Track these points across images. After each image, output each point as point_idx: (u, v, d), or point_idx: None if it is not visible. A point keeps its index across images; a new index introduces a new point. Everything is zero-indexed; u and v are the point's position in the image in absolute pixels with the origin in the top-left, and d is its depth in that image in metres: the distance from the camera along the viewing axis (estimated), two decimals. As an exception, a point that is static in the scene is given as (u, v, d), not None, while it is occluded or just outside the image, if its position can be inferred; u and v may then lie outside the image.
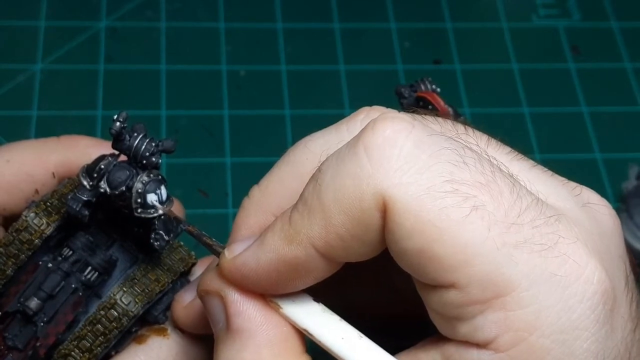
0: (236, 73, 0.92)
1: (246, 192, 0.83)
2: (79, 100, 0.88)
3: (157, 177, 0.41)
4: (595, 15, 1.00)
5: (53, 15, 0.94)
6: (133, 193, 0.40)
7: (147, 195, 0.40)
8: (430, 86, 0.62)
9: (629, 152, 0.88)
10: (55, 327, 0.41)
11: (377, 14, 0.98)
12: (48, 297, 0.41)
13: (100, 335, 0.40)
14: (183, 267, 0.43)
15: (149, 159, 0.40)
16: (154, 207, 0.40)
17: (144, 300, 0.41)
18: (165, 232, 0.41)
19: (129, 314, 0.40)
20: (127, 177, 0.40)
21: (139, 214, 0.40)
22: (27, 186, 0.43)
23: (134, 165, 0.41)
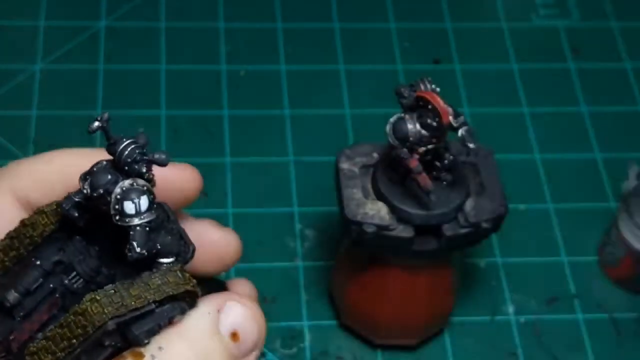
0: (236, 73, 0.92)
1: (246, 191, 0.84)
2: (79, 100, 0.89)
3: (140, 186, 0.39)
4: (595, 15, 1.00)
5: (52, 15, 0.95)
6: (112, 199, 0.39)
7: (124, 202, 0.39)
8: (429, 86, 0.62)
9: (628, 152, 0.89)
10: (30, 324, 0.40)
11: (377, 14, 0.98)
12: (26, 293, 0.40)
13: (65, 340, 0.39)
14: (172, 291, 0.41)
15: (130, 165, 0.39)
16: (130, 216, 0.39)
17: (115, 312, 0.39)
18: (142, 245, 0.39)
19: (95, 323, 0.39)
20: (107, 181, 0.39)
21: (116, 222, 0.39)
22: (61, 188, 0.43)
23: (119, 171, 0.40)
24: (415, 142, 0.62)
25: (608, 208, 0.85)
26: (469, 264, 0.81)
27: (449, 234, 0.65)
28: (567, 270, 0.81)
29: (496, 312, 0.79)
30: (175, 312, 0.41)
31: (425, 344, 0.77)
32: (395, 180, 0.65)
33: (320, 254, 0.81)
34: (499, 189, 0.66)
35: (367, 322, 0.74)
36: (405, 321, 0.72)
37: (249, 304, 0.43)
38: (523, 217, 0.84)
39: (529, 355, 0.76)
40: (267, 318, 0.77)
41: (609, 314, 0.79)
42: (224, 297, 0.43)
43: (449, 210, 0.64)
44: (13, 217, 0.42)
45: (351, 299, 0.73)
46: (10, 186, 0.43)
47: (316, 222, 0.82)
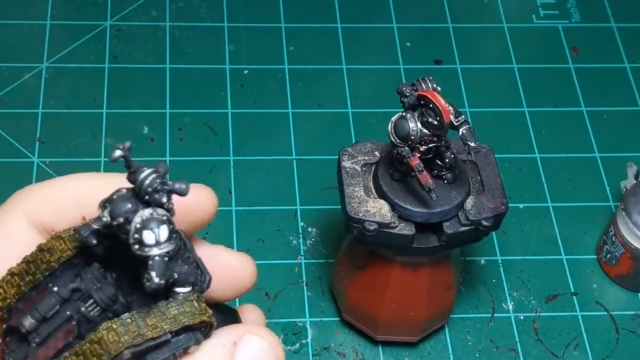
0: (240, 72, 0.92)
1: (249, 189, 0.84)
2: (84, 99, 0.89)
3: (160, 215, 0.39)
4: (595, 16, 1.00)
5: (58, 15, 0.95)
6: (131, 228, 0.38)
7: (144, 232, 0.38)
8: (431, 85, 0.63)
9: (627, 152, 0.89)
10: (45, 351, 0.40)
11: (379, 14, 0.99)
12: (42, 319, 0.40)
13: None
14: (188, 321, 0.40)
15: (151, 195, 0.39)
16: (149, 246, 0.38)
17: (131, 341, 0.39)
18: (160, 275, 0.39)
19: (111, 352, 0.38)
20: (127, 209, 0.39)
21: (135, 251, 0.38)
22: (75, 213, 0.43)
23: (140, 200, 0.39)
24: (416, 140, 0.62)
25: (607, 207, 0.86)
26: (469, 262, 0.81)
27: (450, 232, 0.65)
28: (566, 268, 0.82)
29: (496, 309, 0.79)
30: (191, 342, 0.41)
31: (426, 340, 0.77)
32: (397, 179, 0.66)
33: (323, 251, 0.81)
34: (499, 187, 0.67)
35: (369, 318, 0.74)
36: (406, 318, 0.73)
37: (268, 337, 0.42)
38: (523, 215, 0.85)
39: (528, 351, 0.77)
40: (269, 314, 0.77)
41: (608, 312, 0.80)
42: (241, 330, 0.42)
43: (450, 208, 0.65)
44: (28, 240, 0.42)
45: (353, 296, 0.74)
46: (24, 209, 0.42)
47: (318, 220, 0.83)
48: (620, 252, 0.78)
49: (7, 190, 0.83)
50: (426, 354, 0.76)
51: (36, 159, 0.84)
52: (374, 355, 0.76)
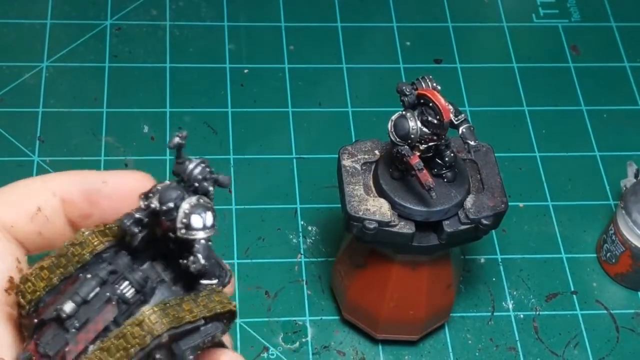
0: (240, 71, 0.93)
1: (249, 188, 0.84)
2: (84, 97, 0.89)
3: (206, 202, 0.41)
4: (595, 16, 1.00)
5: (59, 14, 0.95)
6: (179, 213, 0.40)
7: (192, 216, 0.40)
8: (431, 84, 0.63)
9: (627, 150, 0.89)
10: (86, 334, 0.41)
11: (379, 13, 0.99)
12: (82, 302, 0.41)
13: (121, 350, 0.40)
14: (220, 308, 0.43)
15: (201, 182, 0.41)
16: (197, 230, 0.41)
17: (172, 323, 0.41)
18: (206, 257, 0.41)
19: (153, 332, 0.40)
20: (177, 195, 0.41)
21: (182, 235, 0.41)
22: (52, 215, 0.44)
23: (186, 189, 0.42)
24: (416, 139, 0.63)
25: (607, 205, 0.86)
26: (469, 260, 0.82)
27: (450, 230, 0.65)
28: (566, 266, 0.82)
29: (496, 307, 0.79)
30: (218, 330, 0.43)
31: (426, 339, 0.77)
32: (397, 177, 0.66)
33: (323, 250, 0.81)
34: (499, 186, 0.67)
35: (369, 317, 0.74)
36: (406, 316, 0.73)
37: None
38: (523, 214, 0.85)
39: (527, 350, 0.77)
40: (269, 313, 0.78)
41: (607, 310, 0.80)
42: None
43: (450, 206, 0.65)
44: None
45: (353, 294, 0.74)
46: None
47: (318, 219, 0.83)
48: (620, 250, 0.78)
49: (8, 188, 0.82)
50: (426, 352, 0.77)
51: (36, 158, 0.84)
52: (374, 354, 0.76)
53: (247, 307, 0.77)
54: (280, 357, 0.75)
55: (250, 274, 0.79)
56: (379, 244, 0.67)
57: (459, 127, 0.63)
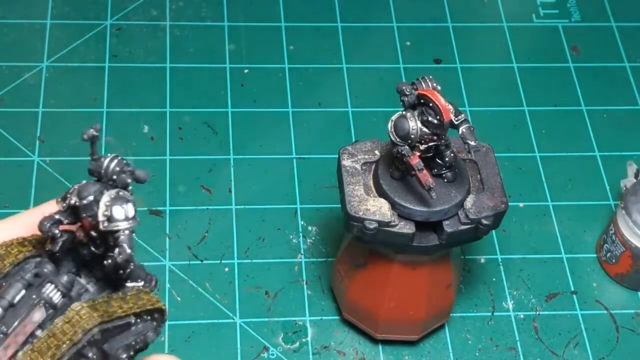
0: (240, 71, 0.93)
1: (249, 188, 0.84)
2: (84, 97, 0.89)
3: (127, 195, 0.42)
4: (595, 16, 1.00)
5: (59, 14, 0.95)
6: (100, 206, 0.41)
7: (113, 208, 0.41)
8: (431, 84, 0.63)
9: (627, 150, 0.89)
10: (15, 338, 0.40)
11: (379, 13, 0.99)
12: (9, 306, 0.41)
13: (53, 348, 0.40)
14: (150, 305, 0.43)
15: (119, 175, 0.41)
16: (119, 220, 0.41)
17: (102, 317, 0.41)
18: (131, 246, 0.41)
19: (84, 327, 0.40)
20: (96, 189, 0.41)
21: (104, 228, 0.41)
22: None
23: (104, 184, 0.42)
24: (416, 139, 0.63)
25: (607, 206, 0.86)
26: (469, 260, 0.82)
27: (450, 231, 0.65)
28: (566, 266, 0.82)
29: (496, 307, 0.79)
30: (149, 330, 0.43)
31: (426, 339, 0.77)
32: (397, 177, 0.66)
33: (323, 250, 0.81)
34: (499, 186, 0.67)
35: (369, 317, 0.74)
36: (406, 316, 0.73)
37: None
38: (523, 214, 0.85)
39: (528, 350, 0.77)
40: (269, 313, 0.78)
41: (607, 310, 0.80)
42: None
43: (450, 206, 0.65)
44: None
45: (353, 295, 0.74)
46: None
47: (318, 219, 0.83)
48: (620, 250, 0.78)
49: (8, 189, 0.83)
50: (426, 352, 0.77)
51: (36, 158, 0.84)
52: (374, 354, 0.76)
53: (247, 307, 0.77)
54: (280, 357, 0.75)
55: (250, 274, 0.79)
56: (379, 244, 0.67)
57: (459, 127, 0.63)
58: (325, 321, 0.78)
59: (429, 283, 0.71)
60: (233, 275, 0.79)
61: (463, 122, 0.63)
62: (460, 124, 0.63)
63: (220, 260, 0.80)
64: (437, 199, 0.64)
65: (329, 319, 0.78)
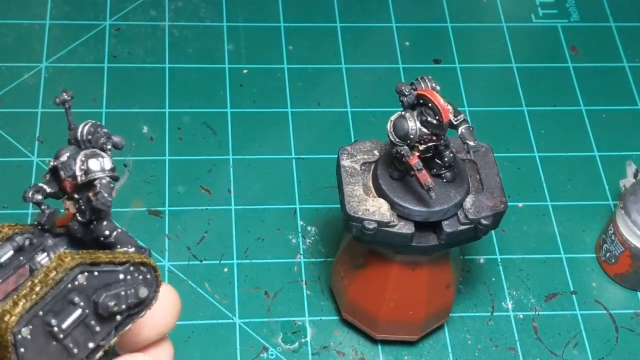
0: (239, 71, 0.93)
1: (248, 188, 0.84)
2: (83, 98, 0.89)
3: (102, 153, 0.43)
4: (594, 16, 1.00)
5: (58, 14, 0.95)
6: (77, 162, 0.43)
7: (89, 161, 0.43)
8: (430, 84, 0.63)
9: (626, 150, 0.89)
10: None
11: (378, 13, 0.99)
12: None
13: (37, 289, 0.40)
14: (138, 258, 0.44)
15: (93, 134, 0.43)
16: (96, 171, 0.43)
17: (84, 259, 0.41)
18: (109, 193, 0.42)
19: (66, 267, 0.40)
20: (72, 149, 0.43)
21: (83, 181, 0.42)
22: None
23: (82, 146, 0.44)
24: (415, 139, 0.63)
25: (606, 206, 0.86)
26: (468, 260, 0.82)
27: (449, 231, 0.65)
28: (566, 266, 0.82)
29: (495, 307, 0.79)
30: (140, 284, 0.43)
31: (426, 339, 0.77)
32: (396, 178, 0.66)
33: (322, 250, 0.81)
34: (499, 186, 0.67)
35: (368, 317, 0.74)
36: (406, 316, 0.73)
37: None
38: (522, 214, 0.85)
39: (527, 350, 0.77)
40: (269, 313, 0.78)
41: (607, 310, 0.80)
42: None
43: (449, 207, 0.65)
44: None
45: (352, 295, 0.74)
46: None
47: (318, 219, 0.83)
48: (619, 250, 0.79)
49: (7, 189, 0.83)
50: (425, 352, 0.77)
51: (35, 159, 0.84)
52: (373, 354, 0.76)
53: (247, 308, 0.77)
54: (280, 357, 0.75)
55: (249, 275, 0.79)
56: (378, 244, 0.67)
57: (458, 128, 0.63)
58: (324, 321, 0.78)
59: (428, 283, 0.71)
60: (232, 276, 0.79)
61: (462, 122, 0.63)
62: (459, 124, 0.63)
63: (219, 261, 0.80)
64: (436, 199, 0.64)
65: (328, 319, 0.78)
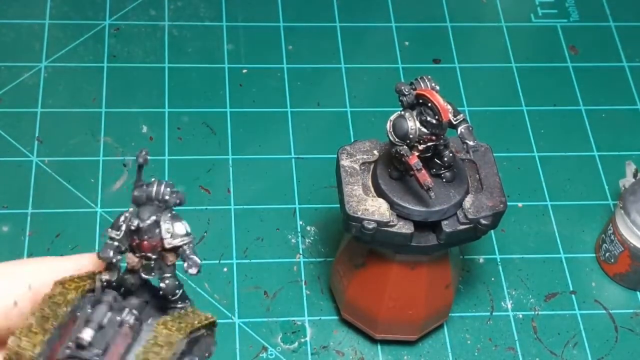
0: (238, 71, 0.93)
1: (248, 188, 0.84)
2: (83, 98, 0.89)
3: (178, 214, 0.44)
4: (594, 15, 1.00)
5: (57, 14, 0.95)
6: (162, 225, 0.43)
7: (175, 225, 0.43)
8: (429, 84, 0.63)
9: (626, 150, 0.89)
10: (110, 357, 0.41)
11: (378, 13, 0.99)
12: (99, 328, 0.41)
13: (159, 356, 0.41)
14: (210, 318, 0.45)
15: (170, 195, 0.43)
16: (182, 236, 0.43)
17: (188, 327, 0.42)
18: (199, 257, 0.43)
19: (177, 338, 0.42)
20: (154, 210, 0.43)
21: (169, 244, 0.43)
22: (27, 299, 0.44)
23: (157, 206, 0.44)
24: (415, 139, 0.63)
25: (605, 205, 0.86)
26: (468, 260, 0.82)
27: (449, 230, 0.65)
28: (565, 266, 0.82)
29: (495, 307, 0.79)
30: (212, 344, 0.45)
31: (425, 339, 0.77)
32: (396, 177, 0.66)
33: (321, 250, 0.81)
34: (498, 186, 0.67)
35: (368, 317, 0.74)
36: (405, 316, 0.73)
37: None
38: (522, 214, 0.85)
39: (526, 350, 0.77)
40: (268, 313, 0.78)
41: (606, 310, 0.80)
42: None
43: (449, 206, 0.65)
44: None
45: (351, 294, 0.74)
46: None
47: (317, 219, 0.83)
48: (619, 250, 0.79)
49: (6, 189, 0.83)
50: (425, 352, 0.77)
51: (35, 158, 0.84)
52: (373, 354, 0.76)
53: (246, 307, 0.77)
54: (279, 357, 0.75)
55: (249, 274, 0.79)
56: (377, 244, 0.67)
57: (458, 127, 0.63)
58: (324, 321, 0.78)
59: (427, 283, 0.71)
60: (232, 275, 0.79)
61: (462, 122, 0.63)
62: (459, 124, 0.63)
63: (219, 260, 0.80)
64: (435, 198, 0.64)
65: (327, 319, 0.78)
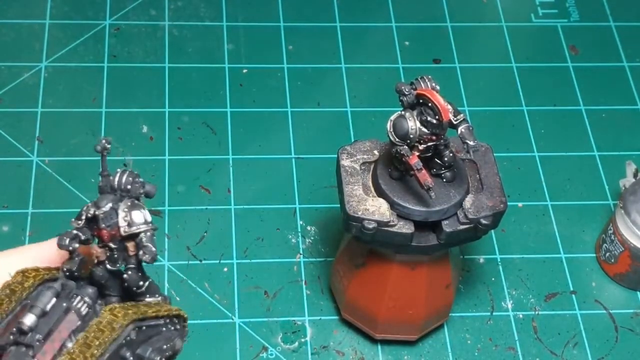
0: (239, 71, 0.93)
1: (248, 188, 0.84)
2: (83, 98, 0.89)
3: (140, 204, 0.44)
4: (594, 15, 1.00)
5: (57, 14, 0.95)
6: (119, 213, 0.43)
7: (132, 213, 0.43)
8: (430, 84, 0.63)
9: (626, 150, 0.89)
10: (52, 344, 0.41)
11: (378, 13, 0.99)
12: (42, 314, 0.41)
13: (93, 347, 0.41)
14: (175, 311, 0.45)
15: (132, 184, 0.43)
16: (140, 224, 0.43)
17: (136, 314, 0.42)
18: (155, 245, 0.43)
19: (122, 322, 0.41)
20: (113, 199, 0.43)
21: (126, 232, 0.43)
22: None
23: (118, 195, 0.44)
24: (415, 139, 0.63)
25: (606, 205, 0.86)
26: (468, 260, 0.82)
27: (449, 230, 0.65)
28: (565, 266, 0.82)
29: (495, 307, 0.79)
30: (176, 336, 0.45)
31: (425, 339, 0.77)
32: (396, 177, 0.66)
33: (322, 250, 0.81)
34: (498, 186, 0.67)
35: (368, 317, 0.74)
36: (405, 316, 0.73)
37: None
38: (522, 214, 0.85)
39: (527, 350, 0.77)
40: (268, 312, 0.78)
41: (607, 310, 0.80)
42: None
43: (449, 206, 0.65)
44: None
45: (352, 294, 0.74)
46: None
47: (317, 219, 0.83)
48: (619, 250, 0.79)
49: (6, 189, 0.83)
50: (425, 352, 0.77)
51: (35, 158, 0.84)
52: (373, 353, 0.76)
53: (246, 307, 0.77)
54: (279, 357, 0.75)
55: (249, 274, 0.79)
56: (378, 243, 0.67)
57: (458, 127, 0.63)
58: (324, 321, 0.78)
59: (428, 283, 0.71)
60: (232, 275, 0.79)
61: (462, 122, 0.63)
62: (459, 124, 0.63)
63: (219, 260, 0.80)
64: (436, 198, 0.64)
65: (328, 319, 0.78)
